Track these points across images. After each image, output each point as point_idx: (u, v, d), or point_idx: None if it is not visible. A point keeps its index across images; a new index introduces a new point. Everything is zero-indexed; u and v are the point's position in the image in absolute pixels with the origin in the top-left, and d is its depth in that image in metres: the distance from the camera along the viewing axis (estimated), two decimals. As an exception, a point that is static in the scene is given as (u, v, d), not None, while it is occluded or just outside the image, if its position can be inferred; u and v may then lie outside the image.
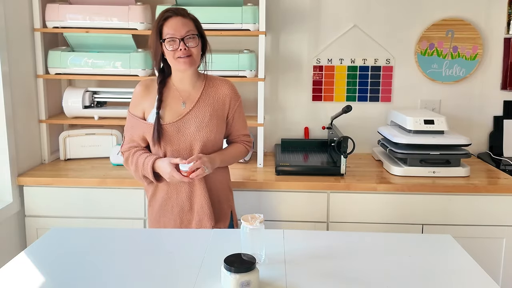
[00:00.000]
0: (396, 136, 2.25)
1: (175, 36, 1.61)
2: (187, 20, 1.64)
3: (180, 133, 1.68)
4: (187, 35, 1.62)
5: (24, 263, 1.34)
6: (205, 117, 1.70)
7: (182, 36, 1.61)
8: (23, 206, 2.21)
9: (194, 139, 1.68)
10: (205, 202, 1.72)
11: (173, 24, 1.62)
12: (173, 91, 1.72)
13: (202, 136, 1.68)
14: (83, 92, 2.42)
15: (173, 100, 1.71)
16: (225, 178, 1.84)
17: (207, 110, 1.71)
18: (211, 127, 1.70)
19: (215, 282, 1.21)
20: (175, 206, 1.75)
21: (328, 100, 2.66)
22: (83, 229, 1.67)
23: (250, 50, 2.41)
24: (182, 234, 1.58)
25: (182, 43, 1.61)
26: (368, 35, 2.59)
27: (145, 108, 1.73)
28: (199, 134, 1.68)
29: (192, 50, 1.64)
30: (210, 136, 1.70)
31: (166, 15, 1.64)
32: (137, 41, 2.40)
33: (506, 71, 2.59)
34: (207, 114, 1.70)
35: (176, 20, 1.62)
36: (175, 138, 1.68)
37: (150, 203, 1.81)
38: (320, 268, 1.31)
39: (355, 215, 2.14)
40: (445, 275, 1.28)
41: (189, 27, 1.63)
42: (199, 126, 1.69)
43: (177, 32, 1.61)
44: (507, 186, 2.09)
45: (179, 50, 1.62)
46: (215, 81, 1.77)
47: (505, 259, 2.13)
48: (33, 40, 2.34)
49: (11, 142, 2.15)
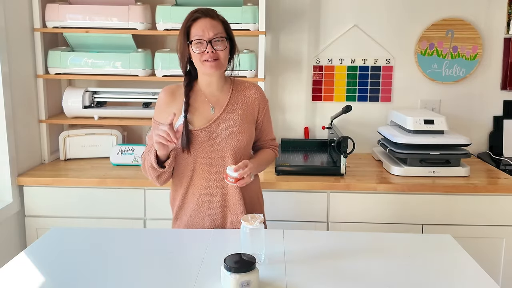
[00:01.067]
0: (396, 136, 2.25)
1: (202, 38, 1.54)
2: (216, 22, 1.57)
3: (211, 139, 1.60)
4: (215, 37, 1.55)
5: (24, 263, 1.34)
6: (236, 121, 1.63)
7: (210, 39, 1.54)
8: (23, 206, 2.21)
9: (226, 144, 1.61)
10: (240, 212, 1.63)
11: (201, 25, 1.55)
12: (200, 95, 1.65)
13: (234, 141, 1.61)
14: (83, 92, 2.42)
15: (201, 105, 1.63)
16: (257, 185, 1.76)
17: (237, 114, 1.64)
18: (242, 132, 1.63)
19: (215, 282, 1.21)
20: (206, 218, 1.65)
21: (328, 100, 2.67)
22: (83, 229, 1.67)
23: (250, 50, 2.41)
24: (182, 234, 1.58)
25: (210, 45, 1.54)
26: (368, 35, 2.59)
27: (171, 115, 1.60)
28: (231, 139, 1.61)
29: (219, 53, 1.56)
30: (242, 141, 1.62)
31: (195, 16, 1.56)
32: (137, 41, 2.40)
33: (506, 71, 2.59)
34: (237, 118, 1.63)
35: (204, 22, 1.55)
36: (207, 144, 1.60)
37: (177, 216, 1.69)
38: (320, 268, 1.31)
39: (355, 215, 2.14)
40: (445, 275, 1.28)
41: (217, 29, 1.56)
42: (230, 131, 1.61)
43: (205, 34, 1.54)
44: (507, 186, 2.09)
45: (206, 53, 1.55)
46: (243, 85, 1.70)
47: (505, 259, 2.13)
48: (33, 40, 2.34)
49: (11, 142, 2.15)
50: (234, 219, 1.64)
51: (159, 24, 2.33)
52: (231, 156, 1.61)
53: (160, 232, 1.61)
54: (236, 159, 1.62)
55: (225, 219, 1.66)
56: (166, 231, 1.62)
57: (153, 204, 2.17)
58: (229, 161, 1.61)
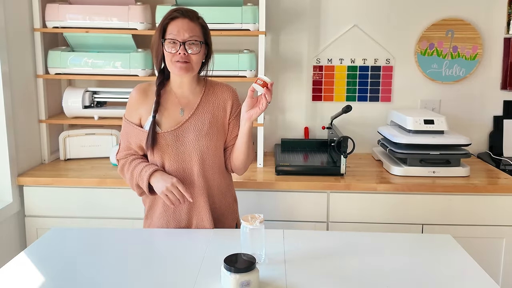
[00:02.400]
0: (396, 136, 2.25)
1: (176, 38, 1.52)
2: (194, 25, 1.55)
3: (178, 142, 1.59)
4: (189, 40, 1.52)
5: (24, 263, 1.34)
6: (204, 125, 1.61)
7: (184, 40, 1.52)
8: (23, 206, 2.21)
9: (193, 148, 1.59)
10: (205, 217, 1.62)
11: (178, 25, 1.52)
12: (171, 96, 1.63)
13: (201, 146, 1.59)
14: (83, 92, 2.42)
15: (171, 106, 1.62)
16: (229, 188, 1.73)
17: (206, 117, 1.62)
18: (210, 136, 1.61)
19: (215, 282, 1.21)
20: (171, 220, 1.64)
21: (328, 100, 2.66)
22: (83, 229, 1.67)
23: (250, 50, 2.41)
24: (182, 234, 1.57)
25: (183, 47, 1.52)
26: (368, 35, 2.59)
27: (142, 114, 1.63)
28: (198, 143, 1.59)
29: (191, 56, 1.54)
30: (209, 146, 1.61)
31: (173, 15, 1.54)
32: (137, 41, 2.40)
33: (506, 71, 2.59)
34: (206, 122, 1.61)
35: (182, 22, 1.53)
36: (173, 147, 1.59)
37: (147, 215, 1.71)
38: (320, 268, 1.31)
39: (355, 215, 2.14)
40: (445, 275, 1.28)
41: (193, 32, 1.53)
42: (198, 135, 1.59)
43: (180, 34, 1.52)
44: (507, 186, 2.09)
45: (178, 54, 1.52)
46: (215, 87, 1.67)
47: (505, 259, 2.13)
48: (33, 40, 2.34)
49: (11, 142, 2.15)
50: (199, 223, 1.63)
51: (159, 24, 2.33)
52: (198, 160, 1.60)
53: (160, 232, 1.61)
54: (204, 164, 1.61)
55: (190, 222, 1.64)
56: (166, 231, 1.62)
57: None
58: (196, 165, 1.60)
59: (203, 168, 1.61)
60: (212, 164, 1.64)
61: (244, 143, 1.61)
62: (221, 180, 1.68)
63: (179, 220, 1.64)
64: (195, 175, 1.61)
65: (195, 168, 1.60)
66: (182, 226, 1.64)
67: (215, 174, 1.65)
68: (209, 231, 1.58)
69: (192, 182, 1.61)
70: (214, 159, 1.64)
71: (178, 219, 1.64)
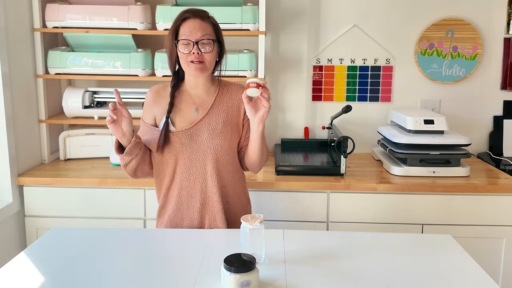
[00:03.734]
0: (396, 136, 2.25)
1: (189, 38, 1.54)
2: (206, 24, 1.57)
3: (192, 141, 1.60)
4: (202, 39, 1.54)
5: (24, 263, 1.34)
6: (218, 124, 1.62)
7: (197, 40, 1.54)
8: (23, 206, 2.21)
9: (207, 147, 1.60)
10: (218, 216, 1.63)
11: (190, 26, 1.55)
12: (186, 96, 1.65)
13: (215, 145, 1.61)
14: (83, 92, 2.42)
15: (186, 106, 1.64)
16: (243, 189, 1.74)
17: (220, 117, 1.63)
18: (224, 135, 1.62)
19: (215, 282, 1.21)
20: (185, 218, 1.65)
21: (328, 100, 2.67)
22: (83, 229, 1.67)
23: (250, 50, 2.41)
24: (182, 234, 1.57)
25: (196, 46, 1.54)
26: (368, 35, 2.59)
27: (156, 115, 1.65)
28: (212, 143, 1.60)
29: (205, 55, 1.56)
30: (223, 145, 1.62)
31: (185, 16, 1.56)
32: (137, 41, 2.40)
33: (506, 71, 2.59)
34: (220, 121, 1.63)
35: (193, 22, 1.55)
36: (188, 146, 1.60)
37: (159, 214, 1.71)
38: (320, 268, 1.31)
39: (355, 215, 2.14)
40: (445, 275, 1.28)
41: (206, 31, 1.56)
42: (212, 134, 1.61)
43: (193, 34, 1.54)
44: (507, 186, 2.09)
45: (192, 54, 1.55)
46: (229, 87, 1.69)
47: (505, 259, 2.13)
48: (33, 40, 2.34)
49: (11, 142, 2.15)
50: (212, 222, 1.64)
51: (159, 24, 2.33)
52: (212, 159, 1.61)
53: (160, 232, 1.62)
54: (218, 163, 1.62)
55: (203, 222, 1.65)
56: (166, 231, 1.62)
57: (153, 204, 2.16)
58: (210, 164, 1.61)
59: (217, 167, 1.62)
60: (226, 163, 1.65)
61: (259, 144, 1.62)
62: (235, 180, 1.69)
63: (191, 219, 1.65)
64: (208, 174, 1.62)
65: (209, 167, 1.61)
66: (195, 226, 1.65)
67: (229, 174, 1.66)
68: (209, 231, 1.58)
69: (206, 181, 1.62)
70: (228, 158, 1.66)
71: (191, 218, 1.65)
